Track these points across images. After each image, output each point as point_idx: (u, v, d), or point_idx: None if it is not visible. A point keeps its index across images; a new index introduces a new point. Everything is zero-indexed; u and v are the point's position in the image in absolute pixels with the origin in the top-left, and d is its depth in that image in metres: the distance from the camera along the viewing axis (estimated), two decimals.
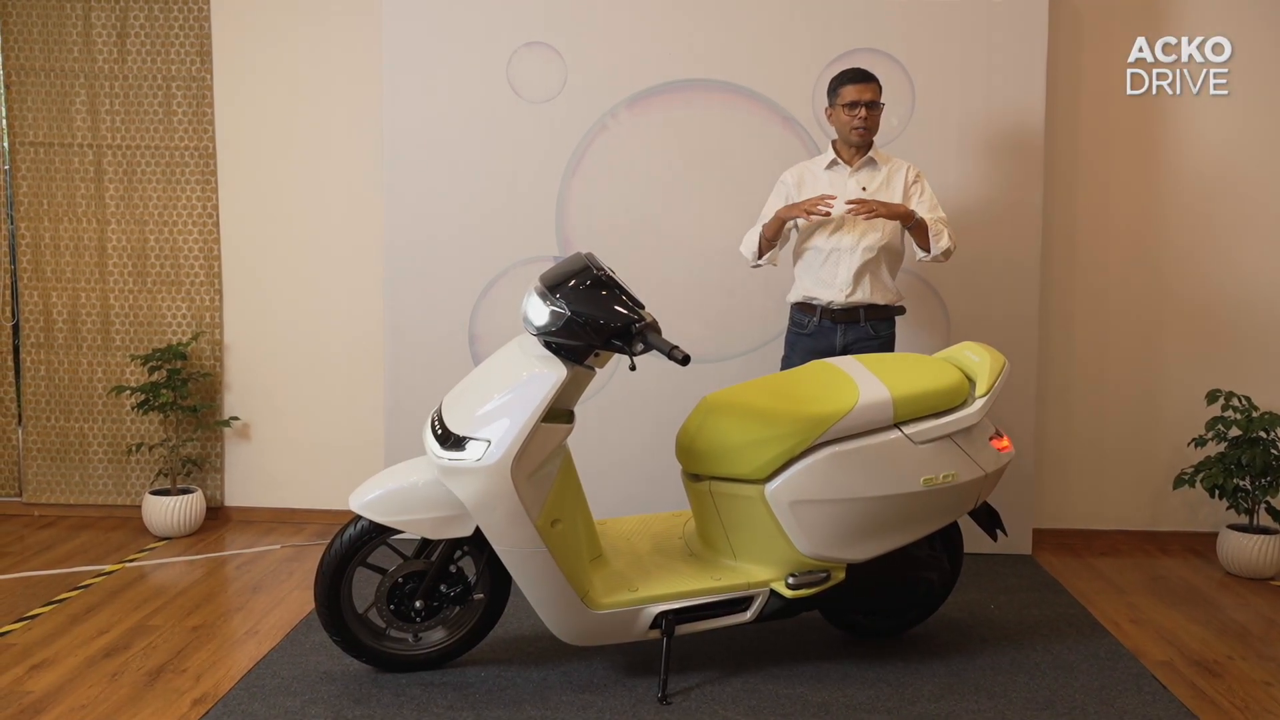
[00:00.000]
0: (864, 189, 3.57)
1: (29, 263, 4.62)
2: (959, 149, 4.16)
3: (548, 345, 2.81)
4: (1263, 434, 4.03)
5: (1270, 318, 4.38)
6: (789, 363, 3.69)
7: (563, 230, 4.25)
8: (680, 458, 3.14)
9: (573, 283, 2.78)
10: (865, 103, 3.52)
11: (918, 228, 3.51)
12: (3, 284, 4.66)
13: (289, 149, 4.53)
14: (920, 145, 4.09)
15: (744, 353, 4.24)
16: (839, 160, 3.63)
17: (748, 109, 4.18)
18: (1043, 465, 4.43)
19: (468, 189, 4.23)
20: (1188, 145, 4.35)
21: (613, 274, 2.86)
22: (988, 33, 4.10)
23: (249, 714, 2.82)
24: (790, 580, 3.00)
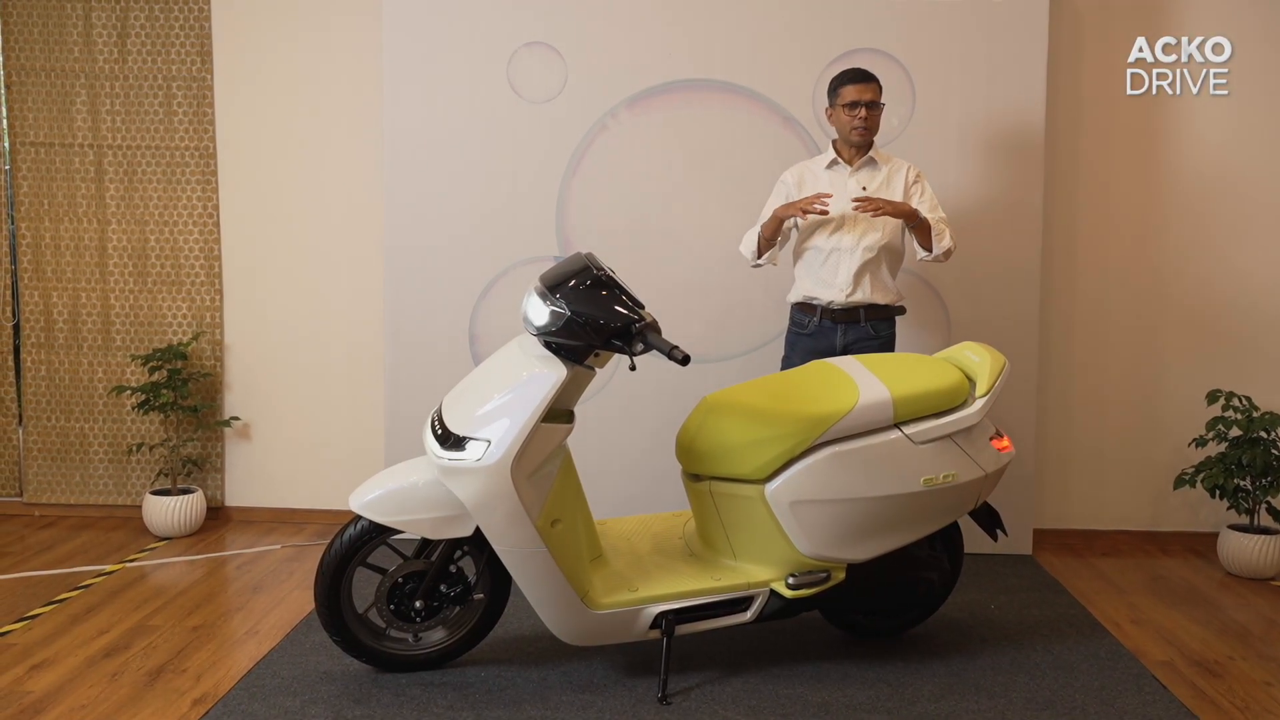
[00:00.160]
0: (864, 189, 3.57)
1: (29, 263, 4.62)
2: (959, 149, 4.16)
3: (548, 345, 2.81)
4: (1263, 434, 4.03)
5: (1270, 318, 4.38)
6: (789, 363, 3.69)
7: (563, 230, 4.25)
8: (680, 458, 3.14)
9: (573, 283, 2.78)
10: (865, 103, 3.52)
11: (921, 227, 3.51)
12: (3, 284, 4.66)
13: (289, 149, 4.53)
14: (920, 145, 4.09)
15: (744, 353, 4.24)
16: (839, 160, 3.63)
17: (748, 109, 4.18)
18: (1043, 465, 4.42)
19: (468, 189, 4.23)
20: (1188, 145, 4.35)
21: (613, 274, 2.86)
22: (988, 33, 4.10)
23: (249, 714, 2.82)
24: (790, 580, 3.00)
